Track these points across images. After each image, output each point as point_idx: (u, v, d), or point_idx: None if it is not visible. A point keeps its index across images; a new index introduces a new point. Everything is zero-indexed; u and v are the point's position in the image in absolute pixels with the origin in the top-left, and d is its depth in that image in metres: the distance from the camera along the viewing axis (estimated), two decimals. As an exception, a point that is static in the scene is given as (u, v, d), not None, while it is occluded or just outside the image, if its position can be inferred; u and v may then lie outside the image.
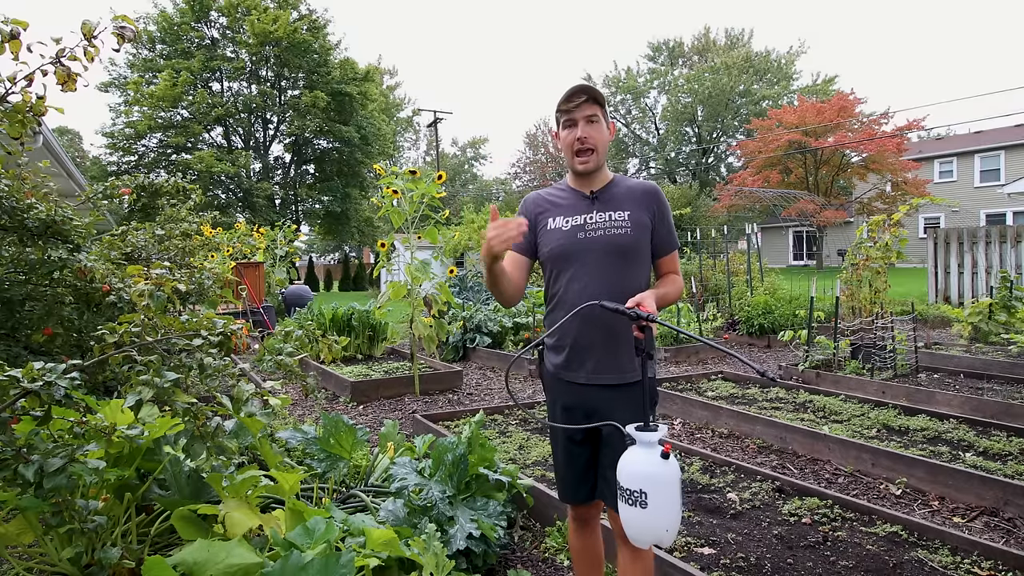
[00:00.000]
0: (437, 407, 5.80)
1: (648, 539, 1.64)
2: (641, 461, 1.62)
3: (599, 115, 1.91)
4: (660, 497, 1.58)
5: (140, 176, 6.23)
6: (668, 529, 1.60)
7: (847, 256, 7.01)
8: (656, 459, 1.59)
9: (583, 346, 1.92)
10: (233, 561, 1.78)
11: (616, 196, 1.95)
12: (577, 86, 1.89)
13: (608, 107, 1.98)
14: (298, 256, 18.84)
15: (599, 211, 1.93)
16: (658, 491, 1.58)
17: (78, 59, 2.31)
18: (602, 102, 1.91)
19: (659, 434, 1.63)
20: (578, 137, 1.89)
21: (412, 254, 6.12)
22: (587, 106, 1.89)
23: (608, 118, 1.96)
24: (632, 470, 1.62)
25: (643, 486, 1.59)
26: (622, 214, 1.91)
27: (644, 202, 1.94)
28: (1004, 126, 29.82)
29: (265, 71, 34.38)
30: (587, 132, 1.89)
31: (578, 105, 1.89)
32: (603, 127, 1.92)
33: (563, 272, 1.96)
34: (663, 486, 1.58)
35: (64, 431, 2.03)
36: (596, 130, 1.90)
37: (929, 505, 3.33)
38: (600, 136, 1.91)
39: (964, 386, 5.75)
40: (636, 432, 1.64)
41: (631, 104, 49.35)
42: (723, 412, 4.82)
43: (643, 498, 1.58)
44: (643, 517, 1.60)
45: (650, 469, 1.59)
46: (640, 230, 1.91)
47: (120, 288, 3.54)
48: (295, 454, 3.12)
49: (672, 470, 1.60)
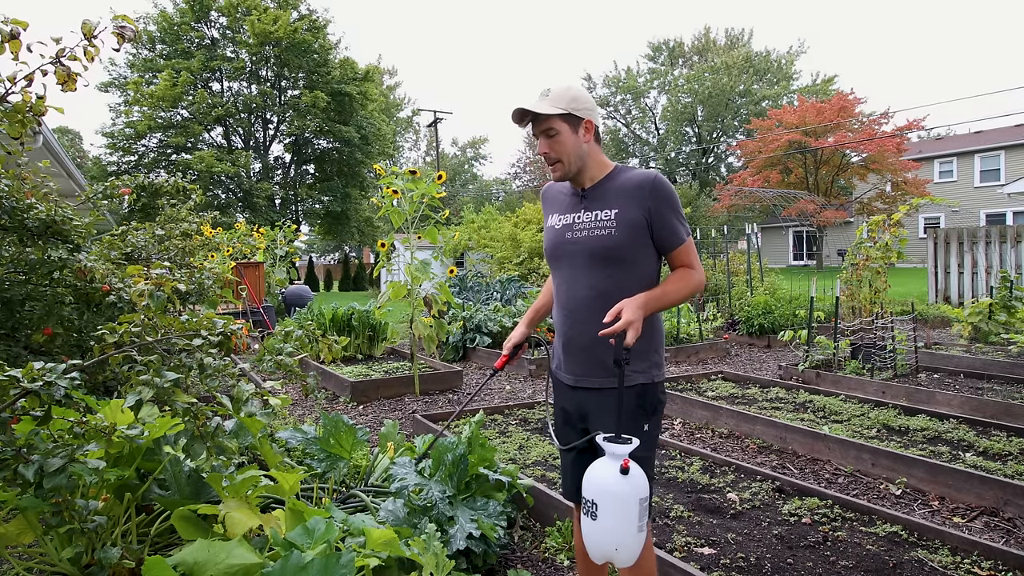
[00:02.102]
0: (437, 407, 5.80)
1: (598, 553, 1.61)
2: (599, 472, 1.59)
3: (555, 126, 1.82)
4: (609, 511, 1.54)
5: (140, 176, 6.24)
6: (618, 548, 1.56)
7: (847, 256, 7.01)
8: (613, 473, 1.56)
9: (572, 349, 1.92)
10: (233, 561, 1.78)
11: (607, 193, 1.87)
12: (515, 110, 1.84)
13: (607, 107, 1.95)
14: (298, 256, 18.84)
15: (586, 210, 1.88)
16: (608, 506, 1.55)
17: (78, 59, 2.30)
18: (558, 110, 1.81)
19: (625, 448, 1.58)
20: (539, 153, 1.91)
21: (412, 254, 6.12)
22: (539, 123, 1.85)
23: (575, 118, 1.84)
24: (589, 479, 1.61)
25: (595, 497, 1.57)
26: (608, 213, 1.83)
27: (636, 196, 1.81)
28: (1004, 126, 29.82)
29: (265, 71, 34.36)
30: (546, 147, 1.87)
31: (529, 124, 1.88)
32: (564, 136, 1.83)
33: (556, 272, 1.97)
34: (614, 501, 1.55)
35: (64, 431, 2.03)
36: (556, 142, 1.84)
37: (929, 505, 3.33)
38: (562, 147, 1.84)
39: (964, 386, 5.75)
40: (604, 443, 1.61)
41: (631, 104, 49.29)
42: (723, 412, 4.82)
43: (594, 509, 1.57)
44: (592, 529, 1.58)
45: (604, 482, 1.56)
46: (628, 229, 1.81)
47: (120, 288, 3.54)
48: (295, 454, 3.12)
49: (628, 488, 1.55)
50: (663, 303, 1.81)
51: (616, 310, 1.68)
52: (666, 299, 1.81)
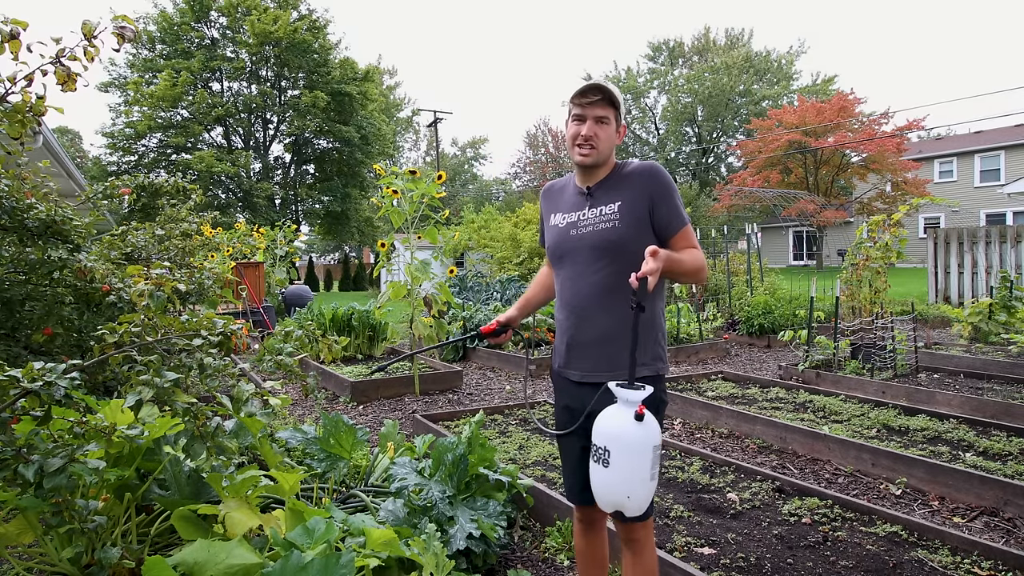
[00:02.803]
0: (437, 407, 5.80)
1: (607, 501, 1.59)
2: (612, 418, 1.57)
3: (611, 117, 1.86)
4: (623, 458, 1.52)
5: (140, 176, 6.23)
6: (630, 496, 1.55)
7: (847, 256, 7.01)
8: (627, 419, 1.54)
9: (579, 345, 1.92)
10: (233, 561, 1.78)
11: (611, 187, 1.89)
12: (594, 84, 1.84)
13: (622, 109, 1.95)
14: (298, 256, 18.84)
15: (592, 207, 1.90)
16: (622, 452, 1.53)
17: (78, 59, 2.31)
18: (617, 104, 1.86)
19: (640, 394, 1.57)
20: (583, 134, 1.85)
21: (412, 254, 6.12)
22: (599, 106, 1.84)
23: (621, 120, 1.90)
24: (601, 426, 1.59)
25: (608, 443, 1.55)
26: (612, 206, 1.86)
27: (640, 184, 1.85)
28: (1004, 126, 29.83)
29: (265, 71, 34.36)
30: (594, 131, 1.85)
31: (591, 103, 1.85)
32: (612, 129, 1.87)
33: (560, 270, 1.98)
34: (629, 447, 1.53)
35: (64, 431, 2.03)
36: (603, 130, 1.85)
37: (929, 505, 3.33)
38: (606, 137, 1.86)
39: (964, 386, 5.75)
40: (617, 389, 1.59)
41: (631, 104, 49.30)
42: (723, 412, 4.82)
43: (606, 456, 1.54)
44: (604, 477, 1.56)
45: (619, 427, 1.54)
46: (633, 219, 1.83)
47: (120, 288, 3.54)
48: (295, 454, 3.12)
49: (643, 434, 1.53)
50: (681, 267, 1.77)
51: (652, 249, 1.63)
52: (683, 265, 1.78)
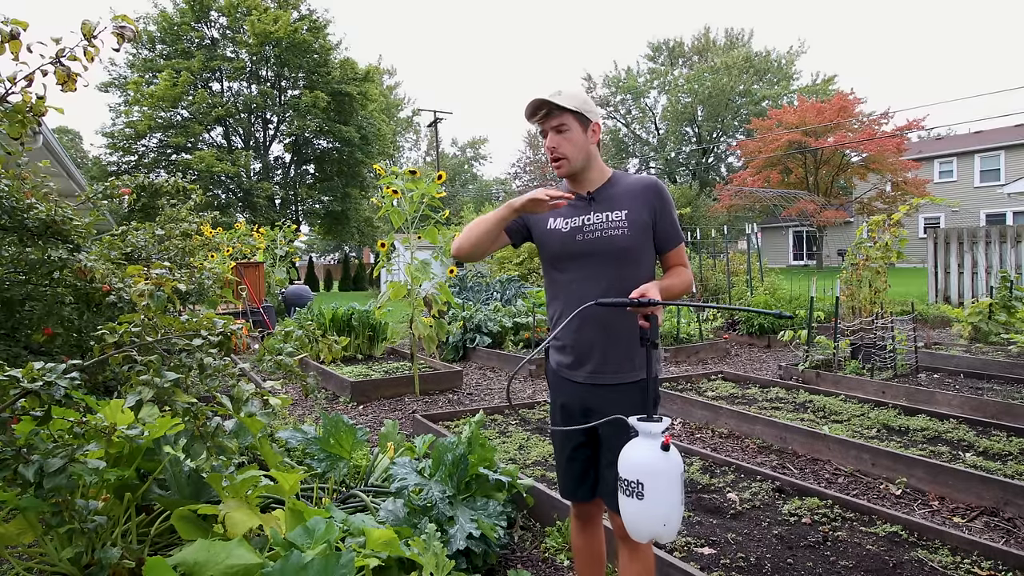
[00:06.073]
0: (437, 407, 5.80)
1: (645, 532, 1.63)
2: (640, 452, 1.62)
3: (568, 122, 1.86)
4: (658, 489, 1.57)
5: (140, 176, 6.22)
6: (666, 524, 1.59)
7: (847, 256, 7.00)
8: (655, 450, 1.59)
9: (583, 346, 1.94)
10: (233, 561, 1.78)
11: (614, 195, 1.93)
12: (534, 100, 1.87)
13: (607, 107, 1.95)
14: (298, 256, 18.84)
15: (596, 212, 1.92)
16: (656, 483, 1.57)
17: (78, 59, 2.30)
18: (573, 107, 1.85)
19: (661, 426, 1.63)
20: (548, 147, 1.91)
21: (412, 254, 6.12)
22: (552, 117, 1.87)
23: (589, 119, 1.90)
24: (631, 461, 1.63)
25: (640, 477, 1.59)
26: (619, 214, 1.89)
27: (643, 198, 1.90)
28: (1004, 126, 29.80)
29: (265, 71, 34.35)
30: (554, 142, 1.89)
31: (543, 118, 1.88)
32: (574, 133, 1.88)
33: (563, 274, 1.98)
34: (661, 478, 1.58)
35: (64, 431, 2.03)
36: (565, 139, 1.88)
37: (929, 505, 3.33)
38: (569, 144, 1.88)
39: (964, 386, 5.75)
40: (638, 423, 1.65)
41: (631, 104, 49.27)
42: (723, 412, 4.82)
43: (640, 489, 1.58)
44: (640, 509, 1.59)
45: (649, 460, 1.59)
46: (639, 229, 1.89)
47: (120, 288, 3.54)
48: (295, 454, 3.12)
49: (672, 463, 1.59)
50: (670, 293, 1.88)
51: (642, 290, 1.72)
52: (671, 291, 1.89)
